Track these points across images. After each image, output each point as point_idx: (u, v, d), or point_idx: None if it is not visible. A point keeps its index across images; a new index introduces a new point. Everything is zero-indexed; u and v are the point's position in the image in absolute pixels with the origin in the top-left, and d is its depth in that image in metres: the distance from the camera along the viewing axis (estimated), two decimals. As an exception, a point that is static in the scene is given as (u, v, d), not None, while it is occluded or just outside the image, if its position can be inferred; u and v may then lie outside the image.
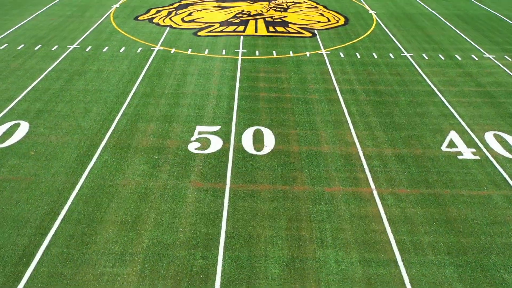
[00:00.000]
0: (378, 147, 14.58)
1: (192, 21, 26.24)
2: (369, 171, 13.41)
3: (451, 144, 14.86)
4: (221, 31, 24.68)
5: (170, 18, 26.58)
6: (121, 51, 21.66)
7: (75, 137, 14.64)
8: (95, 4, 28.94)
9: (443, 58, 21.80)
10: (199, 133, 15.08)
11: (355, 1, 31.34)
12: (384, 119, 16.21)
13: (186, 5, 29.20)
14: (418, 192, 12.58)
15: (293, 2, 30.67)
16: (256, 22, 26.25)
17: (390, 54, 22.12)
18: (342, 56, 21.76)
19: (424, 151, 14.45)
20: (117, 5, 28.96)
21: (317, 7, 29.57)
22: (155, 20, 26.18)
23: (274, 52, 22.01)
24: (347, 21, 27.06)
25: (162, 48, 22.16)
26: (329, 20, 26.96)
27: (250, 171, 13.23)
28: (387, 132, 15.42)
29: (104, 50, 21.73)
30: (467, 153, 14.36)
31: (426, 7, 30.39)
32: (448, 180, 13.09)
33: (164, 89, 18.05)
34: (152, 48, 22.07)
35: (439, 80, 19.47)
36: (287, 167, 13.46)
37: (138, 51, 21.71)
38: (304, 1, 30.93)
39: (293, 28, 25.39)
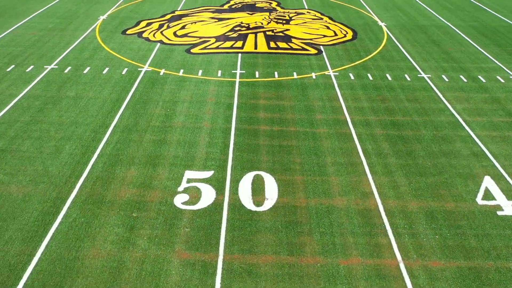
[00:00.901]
0: (401, 199, 12.23)
1: (186, 35, 23.88)
2: (393, 233, 11.06)
3: (487, 194, 12.51)
4: (217, 48, 22.32)
5: (161, 32, 24.21)
6: (104, 72, 19.29)
7: (40, 186, 12.28)
8: (81, 15, 26.57)
9: (465, 80, 19.44)
10: (188, 180, 12.72)
11: (363, 12, 29.00)
12: (405, 161, 13.85)
13: (179, 17, 26.83)
14: (455, 265, 10.22)
15: (295, 12, 28.31)
16: (255, 37, 23.90)
17: (406, 75, 19.76)
18: (352, 77, 19.41)
19: (457, 204, 12.09)
20: (105, 16, 26.59)
21: (321, 19, 27.20)
22: (144, 35, 23.81)
23: (275, 73, 19.65)
24: (355, 35, 24.70)
25: (150, 68, 19.79)
26: (335, 34, 24.61)
27: (249, 235, 10.88)
28: (410, 178, 13.06)
29: (85, 71, 19.36)
30: (508, 208, 12.01)
31: (440, 17, 28.03)
32: (490, 247, 10.74)
33: (150, 120, 15.69)
34: (139, 69, 19.70)
35: (463, 108, 17.12)
36: (293, 229, 11.10)
37: (124, 72, 19.34)
38: (307, 11, 28.56)
39: (296, 44, 23.04)
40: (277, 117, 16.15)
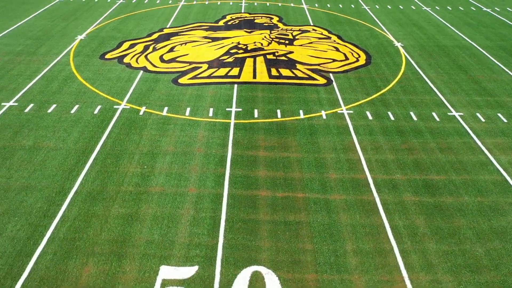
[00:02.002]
0: (450, 314, 9.03)
1: (174, 60, 20.66)
2: None
3: None
4: (209, 76, 19.11)
5: (145, 56, 20.99)
6: (73, 111, 16.09)
7: (-38, 296, 9.08)
8: (56, 35, 23.35)
9: (505, 120, 16.25)
10: (164, 283, 9.50)
11: (375, 29, 25.80)
12: (448, 246, 10.65)
13: (168, 36, 23.61)
14: None
15: (299, 30, 25.10)
16: (254, 62, 20.68)
17: (434, 114, 16.56)
18: (370, 117, 16.21)
19: (528, 323, 8.90)
20: (83, 36, 23.38)
21: (329, 38, 23.98)
22: (126, 59, 20.59)
23: (278, 111, 16.45)
24: (369, 58, 21.49)
25: (128, 106, 16.58)
26: (346, 58, 21.39)
27: None
28: (458, 276, 9.85)
29: (50, 110, 16.16)
30: None
31: (462, 36, 24.82)
32: None
33: (122, 183, 12.48)
34: (115, 106, 16.50)
35: (510, 161, 13.92)
36: None
37: (96, 111, 16.14)
38: (313, 29, 25.35)
39: (302, 71, 19.82)
40: (281, 176, 12.94)
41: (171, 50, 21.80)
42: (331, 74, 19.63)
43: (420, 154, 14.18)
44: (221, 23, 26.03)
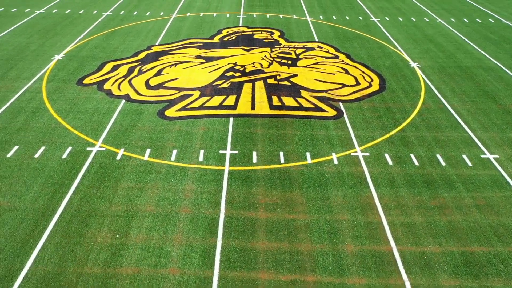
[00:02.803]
0: None
1: (161, 85, 18.12)
2: None
3: None
4: (201, 107, 16.58)
5: (129, 81, 18.45)
6: (37, 155, 13.54)
7: None
8: (30, 54, 20.80)
9: (549, 165, 13.74)
10: None
11: (387, 45, 23.26)
12: None
13: (156, 56, 21.06)
14: None
15: (303, 47, 22.56)
16: (253, 88, 18.14)
17: (464, 157, 14.03)
18: (390, 161, 13.67)
19: None
20: (61, 55, 20.83)
21: (337, 57, 21.44)
22: (107, 85, 18.04)
23: (281, 154, 13.92)
24: (383, 82, 18.95)
25: (104, 147, 14.04)
26: (357, 82, 18.85)
27: None
28: None
29: (10, 153, 13.61)
30: None
31: (485, 54, 22.29)
32: None
33: (85, 263, 9.93)
34: (89, 148, 13.96)
35: None
36: None
37: (65, 155, 13.59)
38: (318, 46, 22.81)
39: (307, 100, 17.28)
40: (285, 249, 10.40)
41: (159, 73, 19.25)
42: (341, 104, 17.09)
43: (454, 214, 11.64)
44: (216, 39, 23.49)
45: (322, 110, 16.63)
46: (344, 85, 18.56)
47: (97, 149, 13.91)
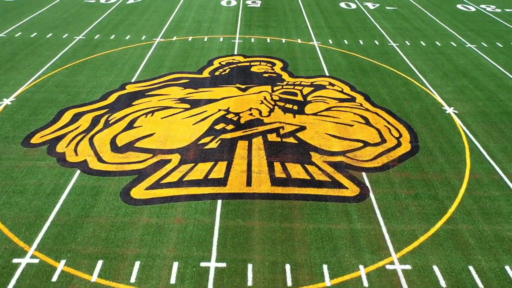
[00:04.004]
0: None
1: (131, 146, 14.05)
2: None
3: None
4: (178, 182, 12.50)
5: (90, 139, 14.38)
6: None
7: None
8: (-26, 97, 16.77)
9: None
10: None
11: (412, 81, 19.18)
12: None
13: (129, 99, 16.97)
14: None
15: (311, 85, 18.49)
16: (249, 148, 14.09)
17: (546, 271, 9.97)
18: (443, 283, 9.60)
19: None
20: (10, 99, 16.75)
21: (353, 99, 17.36)
22: (61, 146, 13.97)
23: (287, 268, 9.84)
24: (414, 139, 14.88)
25: (38, 258, 9.96)
26: (382, 139, 14.77)
27: None
28: None
29: None
30: None
31: (532, 93, 18.26)
32: None
33: None
34: (16, 260, 9.89)
35: None
36: None
37: (-21, 273, 9.53)
38: (329, 83, 18.74)
39: (320, 168, 13.20)
40: None
41: (130, 125, 15.18)
42: (364, 175, 13.01)
43: None
44: (206, 73, 19.42)
45: (340, 185, 12.55)
46: (366, 144, 14.49)
47: (27, 261, 9.83)
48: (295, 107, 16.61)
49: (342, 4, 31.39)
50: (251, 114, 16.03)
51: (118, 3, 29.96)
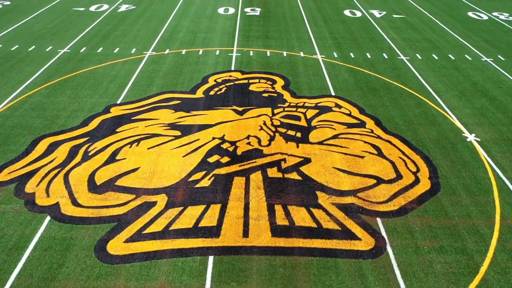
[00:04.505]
0: None
1: (111, 184, 12.29)
2: None
3: None
4: (163, 233, 10.75)
5: (66, 176, 12.62)
6: None
7: None
8: None
9: None
10: None
11: (427, 101, 17.44)
12: None
13: (113, 124, 15.21)
14: None
15: (316, 106, 16.74)
16: (246, 186, 12.34)
17: None
18: None
19: None
20: (-19, 125, 15.02)
21: (363, 124, 15.59)
22: (30, 185, 12.19)
23: None
24: (434, 174, 13.10)
25: None
26: (398, 174, 13.00)
27: None
28: None
29: None
30: None
31: (560, 116, 16.50)
32: None
33: None
34: None
35: None
36: None
37: None
38: (336, 104, 16.98)
39: (328, 213, 11.44)
40: None
41: (113, 158, 13.43)
42: (379, 221, 11.26)
43: None
44: (199, 92, 17.67)
45: (352, 236, 10.80)
46: (379, 180, 12.73)
47: None
48: (298, 134, 14.86)
49: (346, 12, 29.64)
50: (249, 143, 14.28)
51: (109, 11, 28.21)
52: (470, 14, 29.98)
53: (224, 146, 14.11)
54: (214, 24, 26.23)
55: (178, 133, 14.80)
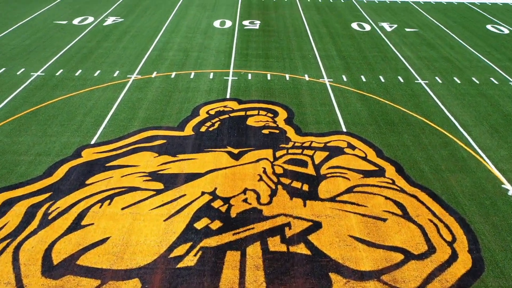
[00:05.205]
0: None
1: (71, 263, 9.75)
2: None
3: None
4: None
5: (15, 250, 10.08)
6: None
7: None
8: None
9: None
10: None
11: (453, 139, 14.93)
12: None
13: (84, 175, 12.66)
14: None
15: (325, 147, 14.21)
16: (242, 265, 9.81)
17: None
18: None
19: None
20: None
21: (382, 172, 13.06)
22: (-31, 265, 9.70)
23: None
24: (475, 247, 10.59)
25: None
26: (430, 247, 10.48)
27: None
28: None
29: None
30: None
31: None
32: None
33: None
34: None
35: None
36: None
37: None
38: (348, 144, 14.46)
39: (346, 309, 8.96)
40: None
41: (77, 223, 10.88)
42: (413, 321, 8.73)
43: None
44: (189, 128, 15.15)
45: None
46: (408, 255, 10.20)
47: None
48: (305, 187, 12.33)
49: (354, 25, 27.13)
50: (245, 200, 11.76)
51: (93, 25, 25.69)
52: (489, 27, 27.48)
53: (216, 204, 11.59)
54: (208, 40, 23.72)
55: (160, 185, 12.26)
